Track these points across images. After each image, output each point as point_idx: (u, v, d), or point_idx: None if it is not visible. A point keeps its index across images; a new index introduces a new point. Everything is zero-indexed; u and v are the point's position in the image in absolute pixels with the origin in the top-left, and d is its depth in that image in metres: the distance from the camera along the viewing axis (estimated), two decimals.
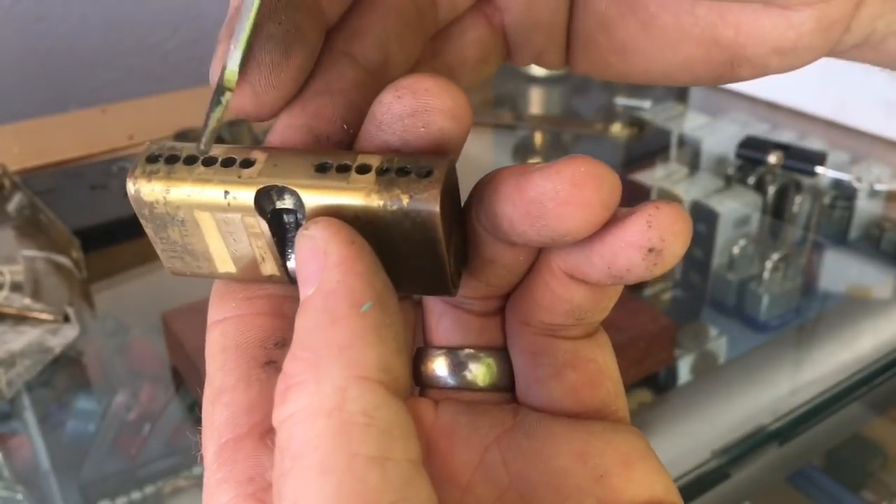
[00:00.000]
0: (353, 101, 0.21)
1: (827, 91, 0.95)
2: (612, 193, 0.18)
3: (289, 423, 0.16)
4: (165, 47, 1.29)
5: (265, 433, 0.19)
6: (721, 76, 0.22)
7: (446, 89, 0.19)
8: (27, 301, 0.68)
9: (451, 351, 0.22)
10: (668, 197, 0.82)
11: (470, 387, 0.22)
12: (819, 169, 0.82)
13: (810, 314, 0.74)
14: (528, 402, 0.22)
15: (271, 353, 0.20)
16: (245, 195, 0.19)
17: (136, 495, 0.55)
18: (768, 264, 0.73)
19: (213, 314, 0.21)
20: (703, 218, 0.78)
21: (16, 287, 0.70)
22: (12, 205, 0.81)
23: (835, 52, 0.21)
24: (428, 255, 0.19)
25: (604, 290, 0.20)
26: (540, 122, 1.03)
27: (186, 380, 0.62)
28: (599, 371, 0.22)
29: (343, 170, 0.19)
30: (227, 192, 0.19)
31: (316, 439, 0.15)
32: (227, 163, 0.19)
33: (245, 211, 0.19)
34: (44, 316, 0.66)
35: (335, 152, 0.19)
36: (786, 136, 0.92)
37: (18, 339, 0.64)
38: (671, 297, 0.76)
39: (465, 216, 0.20)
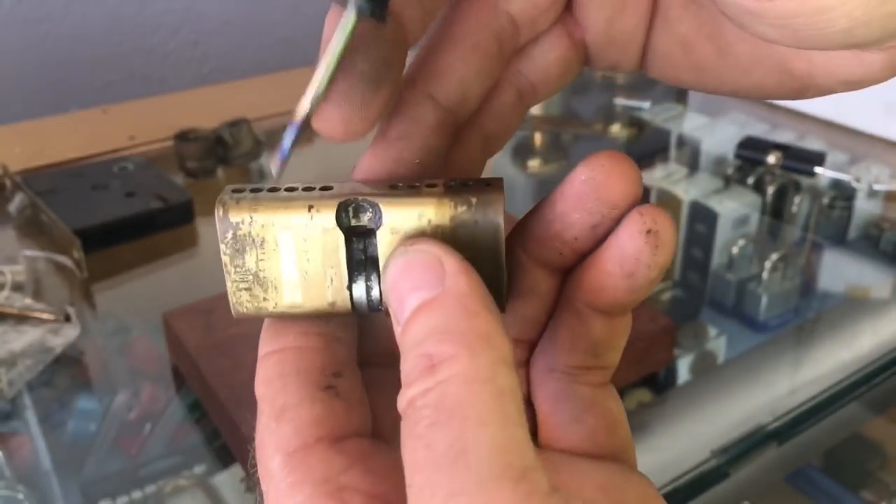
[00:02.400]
0: (431, 145, 0.23)
1: None
2: (639, 173, 0.22)
3: (443, 385, 0.18)
4: (166, 48, 1.29)
5: (335, 442, 0.21)
6: (789, 96, 0.24)
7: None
8: (28, 301, 0.69)
9: None
10: (668, 197, 0.82)
11: None
12: (818, 169, 0.82)
13: (809, 314, 0.74)
14: (550, 447, 0.24)
15: (331, 381, 0.22)
16: (328, 206, 0.21)
17: (136, 495, 0.55)
18: (767, 264, 0.73)
19: (269, 345, 0.22)
20: (702, 218, 0.78)
21: (17, 287, 0.71)
22: (13, 205, 0.81)
23: None
24: (489, 263, 0.21)
25: (616, 323, 0.23)
26: (540, 122, 1.04)
27: (187, 379, 0.62)
28: (615, 419, 0.24)
29: (413, 187, 0.21)
30: (311, 206, 0.21)
31: (475, 398, 0.17)
32: (308, 189, 0.21)
33: (325, 227, 0.21)
34: (45, 316, 0.66)
35: (400, 179, 0.22)
36: (785, 136, 0.92)
37: (19, 339, 0.64)
38: (671, 297, 0.76)
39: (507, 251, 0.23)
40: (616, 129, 0.98)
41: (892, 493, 0.64)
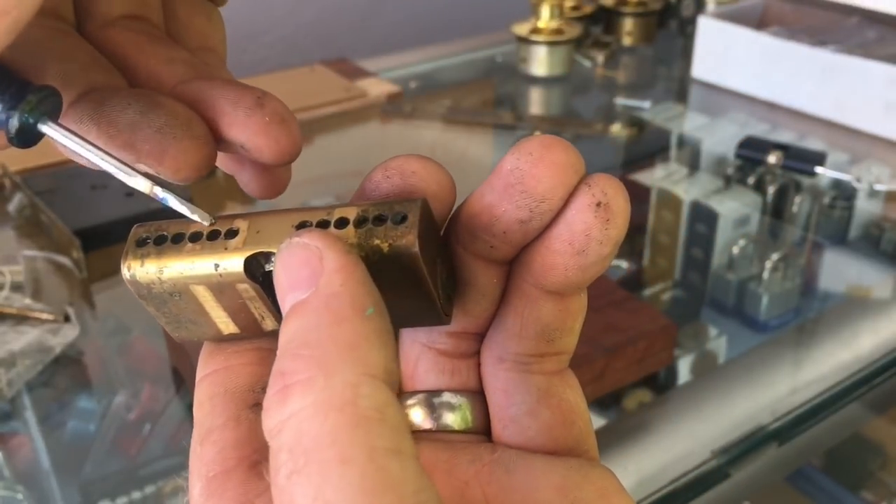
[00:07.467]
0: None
1: (826, 91, 0.95)
2: (578, 158, 0.19)
3: (295, 420, 0.15)
4: None
5: (254, 465, 0.20)
6: None
7: (433, 173, 0.20)
8: (27, 301, 0.68)
9: (428, 398, 0.23)
10: (668, 197, 0.82)
11: (446, 429, 0.23)
12: (819, 169, 0.82)
13: (810, 314, 0.74)
14: (505, 441, 0.22)
15: (258, 397, 0.21)
16: (234, 265, 0.20)
17: (136, 495, 0.55)
18: (768, 264, 0.73)
19: (202, 369, 0.22)
20: (702, 218, 0.78)
21: (16, 287, 0.70)
22: (13, 205, 0.81)
23: None
24: (415, 291, 0.20)
25: (568, 304, 0.21)
26: (540, 122, 1.03)
27: (187, 380, 0.62)
28: (571, 409, 0.22)
29: (323, 226, 0.20)
30: (217, 265, 0.20)
31: (332, 432, 0.15)
32: (213, 236, 0.20)
33: (237, 279, 0.20)
34: (44, 316, 0.66)
35: (312, 210, 0.20)
36: (785, 136, 0.92)
37: (19, 339, 0.64)
38: (671, 297, 0.76)
39: (447, 245, 0.21)
40: (616, 128, 0.98)
41: (893, 494, 0.64)
